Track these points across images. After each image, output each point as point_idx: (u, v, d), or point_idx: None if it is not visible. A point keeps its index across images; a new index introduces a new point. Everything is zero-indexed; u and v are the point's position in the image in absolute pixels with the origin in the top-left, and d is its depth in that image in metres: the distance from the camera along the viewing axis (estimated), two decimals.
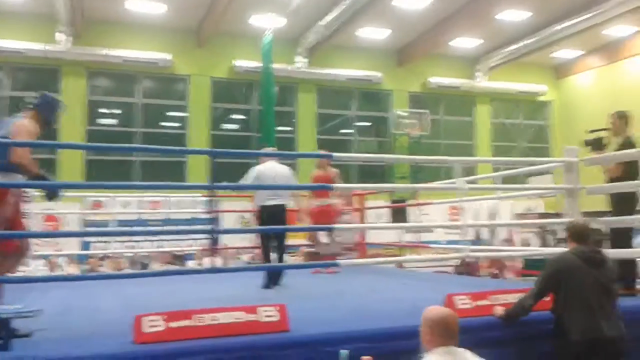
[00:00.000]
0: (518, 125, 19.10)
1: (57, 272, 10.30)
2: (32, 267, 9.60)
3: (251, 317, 3.19)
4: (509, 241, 13.17)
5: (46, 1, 12.42)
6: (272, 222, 5.73)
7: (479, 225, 13.99)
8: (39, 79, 14.08)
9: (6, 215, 3.47)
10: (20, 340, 2.99)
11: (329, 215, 7.00)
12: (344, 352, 2.78)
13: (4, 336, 2.77)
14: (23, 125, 3.66)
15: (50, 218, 11.69)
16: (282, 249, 6.06)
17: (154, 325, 3.00)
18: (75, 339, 3.23)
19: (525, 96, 18.77)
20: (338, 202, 7.10)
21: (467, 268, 11.00)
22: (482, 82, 17.90)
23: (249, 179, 5.83)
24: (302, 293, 5.27)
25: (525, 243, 12.48)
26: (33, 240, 10.21)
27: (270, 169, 5.94)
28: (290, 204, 6.14)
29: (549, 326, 3.59)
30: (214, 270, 3.82)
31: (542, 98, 19.09)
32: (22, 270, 6.75)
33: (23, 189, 3.61)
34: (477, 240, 13.36)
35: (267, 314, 3.22)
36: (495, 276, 10.93)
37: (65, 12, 12.46)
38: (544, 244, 11.90)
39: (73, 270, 10.76)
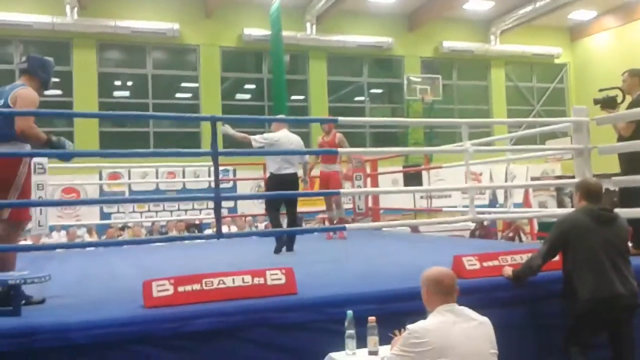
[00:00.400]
0: (533, 88, 18.80)
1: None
2: (55, 239, 9.82)
3: (258, 280, 3.23)
4: (525, 205, 13.08)
5: None
6: (285, 190, 5.75)
7: (488, 187, 13.88)
8: (49, 53, 14.07)
9: (20, 184, 3.52)
10: (33, 307, 3.07)
11: (335, 180, 7.00)
12: (349, 313, 2.81)
13: (15, 302, 2.84)
14: (23, 94, 3.60)
15: (69, 190, 11.88)
16: (293, 216, 6.10)
17: (162, 289, 3.05)
18: (88, 305, 3.30)
19: (540, 59, 18.42)
20: (344, 167, 7.10)
21: (482, 232, 10.97)
22: (496, 45, 17.58)
23: (262, 141, 5.78)
24: (311, 257, 5.31)
25: (542, 206, 12.39)
26: (54, 212, 10.43)
27: (285, 137, 5.92)
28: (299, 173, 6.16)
29: (559, 286, 3.59)
30: (222, 235, 3.84)
31: (557, 60, 18.73)
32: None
33: (33, 159, 3.62)
34: (493, 204, 13.32)
35: (274, 277, 3.26)
36: (510, 239, 10.90)
37: None
38: (561, 206, 11.83)
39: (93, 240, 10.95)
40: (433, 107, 16.24)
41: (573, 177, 5.25)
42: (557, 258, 3.90)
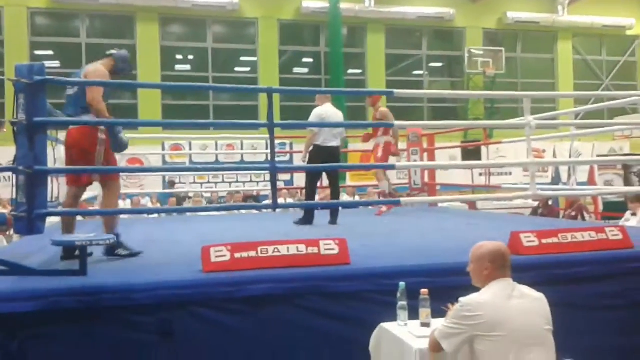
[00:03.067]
0: (603, 62, 17.89)
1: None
2: (120, 206, 10.26)
3: (312, 250, 3.28)
4: (590, 183, 12.60)
5: None
6: (332, 162, 5.79)
7: (550, 163, 13.42)
8: (114, 26, 14.56)
9: (102, 152, 3.74)
10: (97, 267, 3.24)
11: (384, 152, 6.89)
12: (402, 285, 2.82)
13: (81, 262, 3.01)
14: (96, 69, 3.90)
15: (133, 161, 12.34)
16: (337, 189, 6.16)
17: (220, 255, 3.15)
18: (150, 267, 3.46)
19: (611, 30, 17.46)
20: (390, 140, 6.93)
21: (545, 211, 10.66)
22: (564, 16, 16.78)
23: (312, 117, 5.84)
24: (366, 230, 5.33)
25: (608, 185, 11.89)
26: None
27: (332, 110, 5.94)
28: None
29: (620, 266, 3.47)
30: (278, 206, 3.92)
31: (629, 32, 17.70)
32: None
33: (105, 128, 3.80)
34: (556, 183, 12.88)
35: (328, 247, 3.30)
36: (573, 218, 10.55)
37: None
38: (628, 185, 11.32)
39: None
40: (495, 81, 15.76)
41: None
42: (620, 237, 3.77)
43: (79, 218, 7.71)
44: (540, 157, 12.40)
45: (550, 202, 10.05)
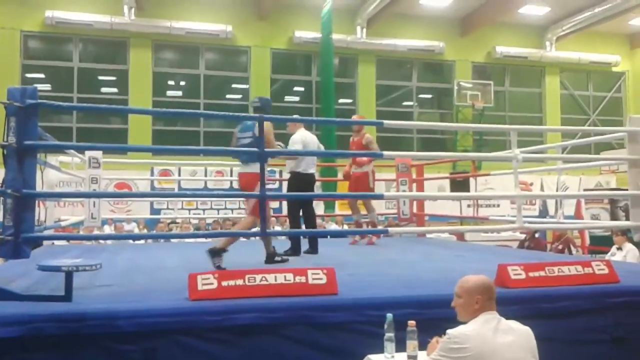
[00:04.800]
0: (589, 97, 18.23)
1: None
2: (107, 232, 10.17)
3: (300, 279, 3.27)
4: (577, 217, 12.70)
5: None
6: (310, 190, 5.82)
7: (537, 196, 13.53)
8: (107, 51, 14.65)
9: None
10: (82, 293, 3.20)
11: (364, 182, 6.80)
12: (389, 316, 2.81)
13: (67, 288, 2.97)
14: (268, 126, 4.67)
15: (121, 185, 12.30)
16: (313, 217, 6.08)
17: (207, 283, 3.13)
18: (135, 294, 3.42)
19: (598, 67, 17.88)
20: (373, 168, 6.97)
21: (531, 243, 10.71)
22: (552, 51, 17.15)
23: (296, 144, 5.80)
24: (352, 260, 5.31)
25: (595, 220, 12.00)
26: (106, 206, 10.84)
27: (309, 136, 5.91)
28: None
29: (606, 300, 3.49)
30: (266, 233, 3.91)
31: (615, 69, 18.13)
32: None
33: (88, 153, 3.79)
34: (543, 216, 12.97)
35: (316, 277, 3.29)
36: (560, 252, 10.60)
37: None
38: (615, 219, 11.42)
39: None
40: (483, 114, 15.98)
41: (627, 189, 5.07)
42: (606, 271, 3.80)
43: (64, 243, 7.63)
44: (527, 190, 12.51)
45: (537, 235, 10.09)
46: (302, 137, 5.79)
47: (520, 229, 5.08)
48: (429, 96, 17.51)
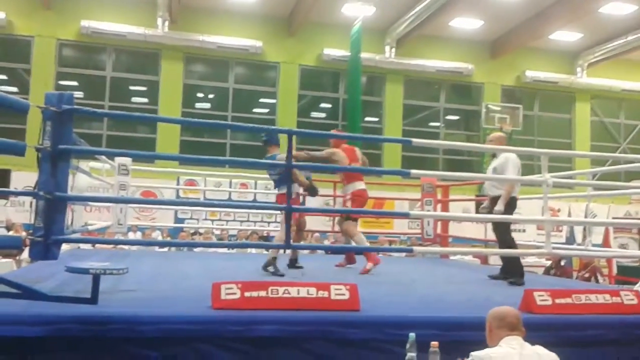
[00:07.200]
0: (621, 124, 17.94)
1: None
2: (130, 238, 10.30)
3: (322, 293, 3.25)
4: (604, 245, 12.44)
5: None
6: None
7: (566, 222, 13.28)
8: (139, 62, 14.94)
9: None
10: (107, 297, 3.23)
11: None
12: (412, 336, 2.77)
13: (93, 291, 3.01)
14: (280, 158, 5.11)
15: (147, 193, 12.43)
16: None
17: (230, 293, 3.14)
18: (160, 300, 3.45)
19: (630, 94, 17.55)
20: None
21: (557, 271, 10.52)
22: (583, 77, 16.95)
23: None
24: (374, 278, 5.28)
25: (623, 249, 11.74)
26: (132, 213, 11.01)
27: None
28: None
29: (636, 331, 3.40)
30: (290, 246, 3.92)
31: None
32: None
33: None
34: (570, 243, 12.72)
35: (338, 292, 3.27)
36: (586, 280, 10.39)
37: None
38: None
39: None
40: (512, 137, 15.78)
41: None
42: (635, 302, 3.71)
43: (89, 246, 7.73)
44: (554, 216, 12.31)
45: (562, 262, 9.92)
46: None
47: (548, 254, 5.01)
48: (456, 118, 17.43)
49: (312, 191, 5.38)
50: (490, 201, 5.50)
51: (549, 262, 9.91)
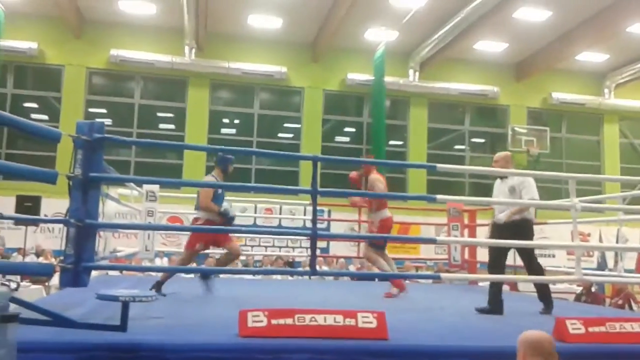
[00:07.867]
0: None
1: None
2: (157, 264, 10.37)
3: (350, 321, 3.21)
4: (637, 271, 12.09)
5: (174, 16, 13.42)
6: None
7: (597, 248, 12.98)
8: (166, 89, 15.23)
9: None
10: (135, 324, 3.25)
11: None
12: None
13: (122, 318, 3.02)
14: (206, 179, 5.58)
15: (173, 219, 12.55)
16: None
17: (257, 320, 3.12)
18: (187, 327, 3.45)
19: None
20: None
21: (589, 297, 10.23)
22: (611, 99, 16.72)
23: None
24: (404, 305, 5.21)
25: None
26: (158, 240, 11.13)
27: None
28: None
29: None
30: (316, 272, 3.90)
31: None
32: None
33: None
34: (602, 269, 12.41)
35: (366, 320, 3.23)
36: (619, 307, 10.07)
37: (190, 26, 13.33)
38: None
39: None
40: (539, 160, 15.62)
41: None
42: None
43: (117, 273, 7.81)
44: (585, 241, 12.04)
45: (594, 289, 9.65)
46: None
47: (578, 281, 4.88)
48: (482, 140, 17.30)
49: (225, 217, 5.60)
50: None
51: (579, 289, 9.65)
